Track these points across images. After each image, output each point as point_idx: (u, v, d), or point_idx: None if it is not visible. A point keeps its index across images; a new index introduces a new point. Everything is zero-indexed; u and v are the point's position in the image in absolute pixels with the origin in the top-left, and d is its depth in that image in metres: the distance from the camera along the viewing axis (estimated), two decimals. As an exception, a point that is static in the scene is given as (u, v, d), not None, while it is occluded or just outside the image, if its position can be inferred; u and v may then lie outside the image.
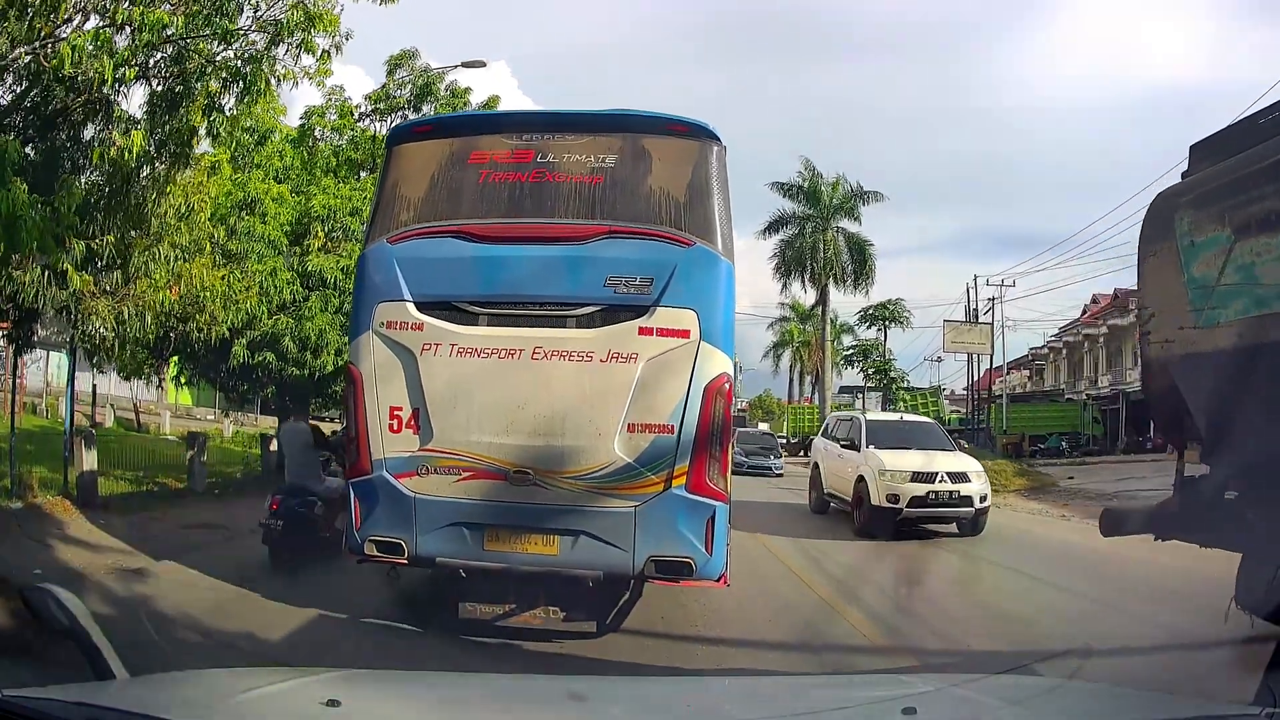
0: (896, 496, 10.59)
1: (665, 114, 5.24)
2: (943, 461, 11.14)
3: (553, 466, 4.76)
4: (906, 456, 11.11)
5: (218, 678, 2.54)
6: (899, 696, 2.24)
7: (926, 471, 10.75)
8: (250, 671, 3.03)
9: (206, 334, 9.21)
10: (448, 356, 4.86)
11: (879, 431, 12.12)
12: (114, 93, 7.57)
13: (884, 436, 11.85)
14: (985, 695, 2.39)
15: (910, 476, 10.70)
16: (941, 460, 11.18)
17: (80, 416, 23.10)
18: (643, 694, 2.71)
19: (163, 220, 8.39)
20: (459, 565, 4.81)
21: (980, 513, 10.90)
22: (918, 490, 10.62)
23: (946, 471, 10.82)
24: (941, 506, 10.74)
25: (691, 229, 4.93)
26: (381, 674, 3.01)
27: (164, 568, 7.13)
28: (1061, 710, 2.23)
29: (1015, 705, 2.24)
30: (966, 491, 10.76)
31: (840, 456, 12.53)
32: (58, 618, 1.91)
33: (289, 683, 2.34)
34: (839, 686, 3.21)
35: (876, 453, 11.23)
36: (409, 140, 5.57)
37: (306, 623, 5.43)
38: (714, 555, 4.75)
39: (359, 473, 5.01)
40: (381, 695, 2.39)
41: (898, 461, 10.95)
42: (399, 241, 5.08)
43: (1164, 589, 7.11)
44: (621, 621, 5.46)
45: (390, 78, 14.81)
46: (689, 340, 4.76)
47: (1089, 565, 8.87)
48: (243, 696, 2.09)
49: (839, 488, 12.35)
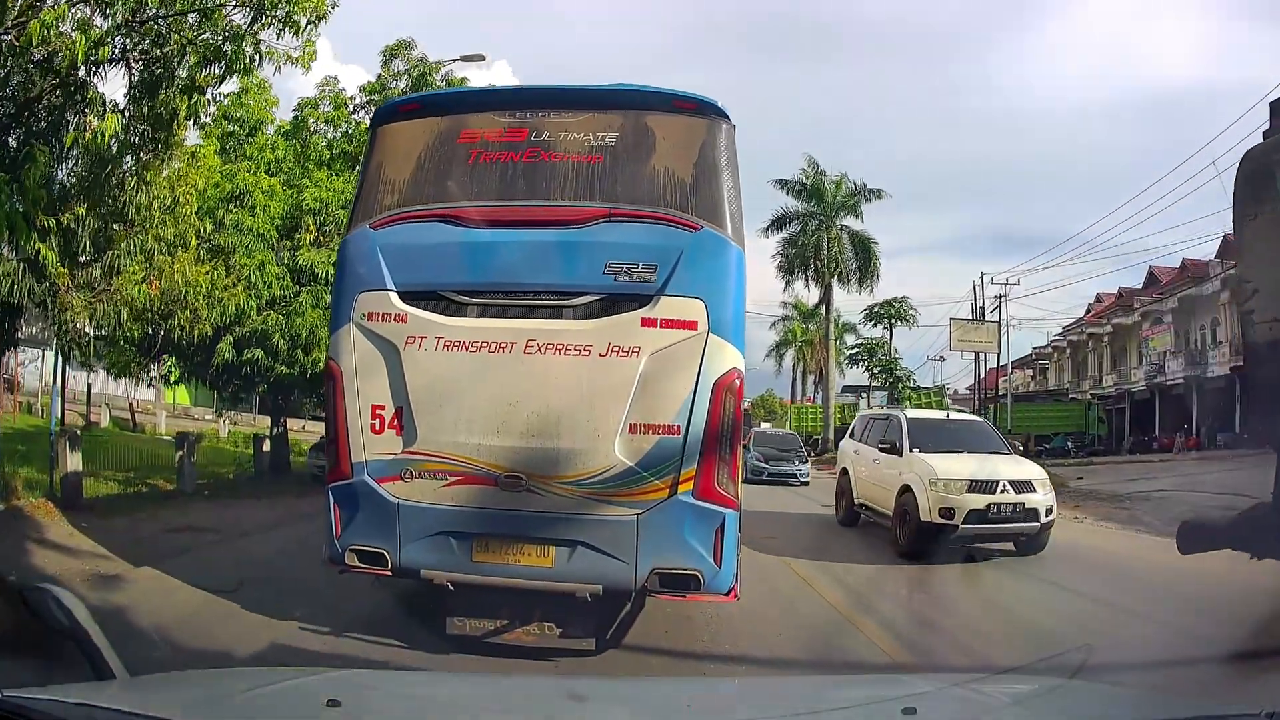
0: (951, 511, 8.80)
1: (670, 89, 4.86)
2: (1003, 468, 9.37)
3: (547, 471, 4.38)
4: (960, 462, 9.35)
5: (218, 678, 2.60)
6: (899, 696, 2.20)
7: (986, 480, 9.02)
8: (251, 671, 3.08)
9: (189, 331, 8.85)
10: (433, 350, 4.48)
11: (923, 432, 10.25)
12: (90, 75, 7.24)
13: (929, 438, 10.04)
14: (985, 695, 2.38)
15: (967, 486, 8.93)
16: (1001, 466, 9.42)
17: (76, 416, 23.06)
18: (643, 694, 2.69)
19: (147, 212, 8.06)
20: (445, 578, 4.44)
21: (1045, 528, 9.26)
22: (976, 503, 8.83)
23: (1009, 480, 9.09)
24: (1004, 522, 9.03)
25: (699, 212, 4.54)
26: (382, 674, 3.08)
27: (141, 574, 6.87)
28: (1061, 710, 2.22)
29: (1015, 705, 2.25)
30: (1032, 504, 9.08)
31: (876, 462, 10.71)
32: (58, 618, 1.91)
33: (289, 683, 2.34)
34: (839, 686, 3.18)
35: (924, 458, 9.47)
36: (395, 119, 5.16)
37: (284, 637, 5.09)
38: (723, 567, 4.37)
39: (338, 476, 4.64)
40: (382, 695, 2.38)
41: (952, 468, 9.15)
42: (382, 227, 4.70)
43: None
44: (623, 636, 5.10)
45: (386, 69, 14.49)
46: (696, 332, 4.38)
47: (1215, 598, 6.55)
48: (243, 696, 2.09)
49: (874, 498, 10.72)
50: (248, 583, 6.62)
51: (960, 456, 9.56)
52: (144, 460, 13.58)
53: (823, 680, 4.06)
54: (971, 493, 8.92)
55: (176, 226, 8.83)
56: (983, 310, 34.57)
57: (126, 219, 7.88)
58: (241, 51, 6.62)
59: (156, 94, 7.21)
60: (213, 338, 11.37)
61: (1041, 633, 6.28)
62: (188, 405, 34.18)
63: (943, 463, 9.29)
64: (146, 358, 12.67)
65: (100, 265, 7.82)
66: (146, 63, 7.27)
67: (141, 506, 10.33)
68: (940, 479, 9.02)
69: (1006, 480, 9.08)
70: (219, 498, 12.06)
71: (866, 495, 11.07)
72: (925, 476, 9.16)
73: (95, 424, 23.76)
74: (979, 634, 6.15)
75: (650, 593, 4.51)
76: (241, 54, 6.62)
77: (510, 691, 2.55)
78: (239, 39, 6.59)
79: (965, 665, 5.31)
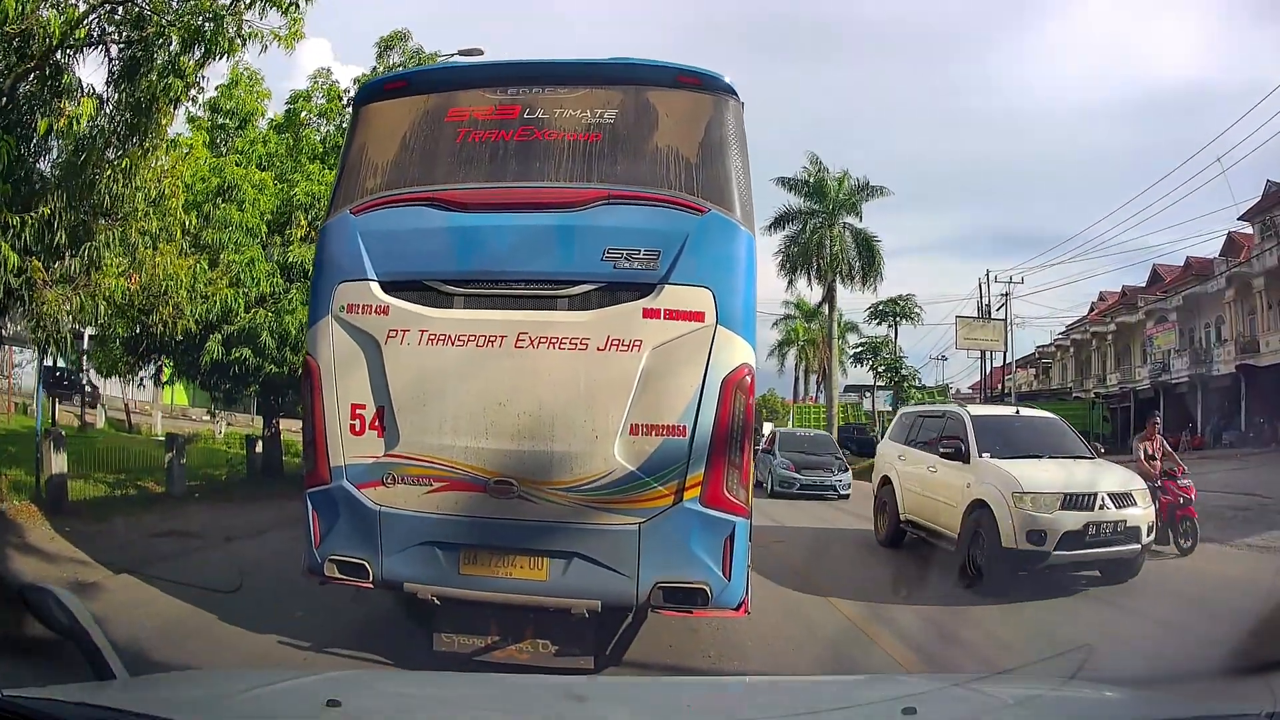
0: (1042, 534, 7.03)
1: (673, 63, 4.50)
2: (1097, 477, 7.63)
3: (540, 476, 4.04)
4: (1045, 470, 7.66)
5: (218, 678, 2.66)
6: (899, 696, 2.19)
7: (1082, 493, 7.30)
8: (251, 672, 3.13)
9: (171, 327, 8.53)
10: (417, 345, 4.15)
11: (992, 433, 8.39)
12: (66, 59, 6.94)
13: (999, 440, 8.26)
14: (985, 695, 2.38)
15: (1060, 502, 7.17)
16: (1094, 475, 7.70)
17: (70, 417, 22.80)
18: (643, 694, 2.69)
19: (130, 205, 7.76)
20: (430, 592, 4.10)
21: (1145, 549, 7.62)
22: (1071, 523, 7.08)
23: (1107, 492, 7.35)
24: (1102, 545, 7.24)
25: (705, 194, 4.19)
26: (382, 674, 3.11)
27: (120, 582, 6.62)
28: (1061, 710, 2.23)
29: (1015, 705, 2.25)
30: (1134, 521, 7.36)
31: (932, 470, 8.85)
32: (58, 618, 1.92)
33: (289, 683, 2.36)
34: (839, 686, 3.14)
35: (1001, 465, 7.72)
36: (379, 98, 4.81)
37: (261, 653, 4.79)
38: (733, 580, 4.03)
39: (316, 481, 4.32)
40: (382, 695, 2.37)
41: (1039, 479, 7.39)
42: (363, 212, 4.36)
43: None
44: (623, 652, 4.79)
45: (381, 60, 14.12)
46: (703, 324, 4.03)
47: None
48: (243, 696, 2.09)
49: (928, 514, 8.91)
50: (229, 592, 6.34)
51: (1041, 463, 7.89)
52: (135, 462, 13.30)
53: (823, 680, 3.99)
54: (1066, 509, 7.15)
55: (162, 220, 8.55)
56: (988, 308, 34.25)
57: (105, 211, 7.57)
58: (223, 31, 6.30)
59: (136, 79, 6.92)
60: (201, 336, 11.07)
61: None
62: (185, 406, 33.93)
63: (1026, 471, 7.52)
64: (134, 356, 12.33)
65: (79, 258, 7.50)
66: (126, 45, 6.98)
67: (128, 510, 10.05)
68: (1027, 493, 7.19)
69: (1105, 493, 7.35)
70: (209, 500, 11.75)
71: (917, 510, 9.23)
72: (1007, 490, 7.31)
73: (91, 424, 23.54)
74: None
75: (653, 608, 4.16)
76: (224, 33, 6.28)
77: (510, 691, 2.53)
78: (220, 18, 6.26)
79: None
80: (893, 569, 8.97)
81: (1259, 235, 29.41)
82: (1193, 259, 33.09)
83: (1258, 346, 28.61)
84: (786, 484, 17.44)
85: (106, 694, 1.83)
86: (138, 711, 1.71)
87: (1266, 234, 28.83)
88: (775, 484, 17.83)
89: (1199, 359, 31.33)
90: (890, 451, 10.33)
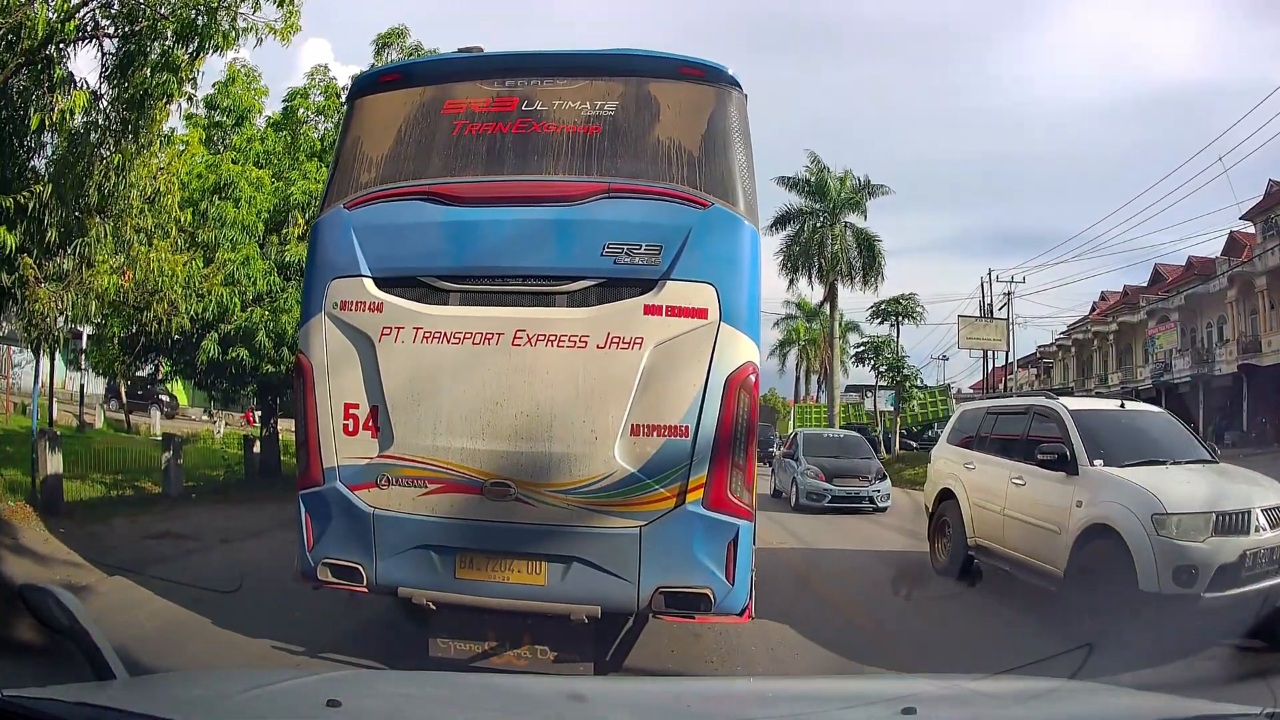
0: (1193, 570, 5.19)
1: (675, 54, 4.39)
2: (1248, 490, 5.86)
3: (538, 478, 3.93)
4: (1183, 483, 5.86)
5: (218, 678, 2.67)
6: (899, 696, 2.18)
7: (1235, 512, 5.44)
8: (251, 672, 3.13)
9: (166, 325, 8.43)
10: (411, 343, 4.05)
11: (1101, 433, 6.54)
12: (58, 53, 6.83)
13: (1111, 442, 6.44)
14: (985, 695, 2.39)
15: (1213, 524, 5.33)
16: (1242, 487, 5.95)
17: (70, 417, 22.71)
18: (643, 694, 2.68)
19: (125, 201, 7.66)
20: (425, 597, 3.99)
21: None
22: (1227, 553, 5.24)
23: (1262, 508, 5.51)
24: (1259, 580, 5.29)
25: (708, 187, 4.08)
26: (382, 674, 3.09)
27: (113, 584, 6.56)
28: (1061, 710, 2.23)
29: (1015, 705, 2.26)
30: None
31: (1018, 482, 6.91)
32: (58, 618, 1.91)
33: (289, 683, 2.34)
34: (839, 687, 3.16)
35: (1126, 478, 5.89)
36: (374, 91, 4.70)
37: (254, 659, 4.70)
38: (736, 585, 3.92)
39: (309, 483, 4.22)
40: (382, 695, 2.37)
41: (1180, 494, 5.57)
42: (357, 206, 4.26)
43: None
44: (624, 657, 4.68)
45: (379, 58, 13.98)
46: (707, 321, 3.92)
47: None
48: (243, 696, 2.09)
49: (1013, 541, 6.88)
50: (223, 595, 6.26)
51: (1169, 472, 6.14)
52: (133, 462, 13.22)
53: (823, 680, 3.97)
54: (1219, 534, 5.31)
55: (157, 217, 8.45)
56: (990, 308, 34.17)
57: (98, 207, 7.47)
58: (217, 25, 6.20)
59: (130, 73, 6.82)
60: (197, 335, 10.96)
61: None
62: (185, 406, 33.87)
63: (1162, 484, 5.68)
64: (130, 355, 12.22)
65: (71, 255, 7.41)
66: (120, 39, 6.88)
67: (123, 511, 9.95)
68: (1172, 515, 5.33)
69: (1260, 509, 5.49)
70: (205, 501, 11.65)
71: (993, 535, 7.22)
72: (1143, 512, 5.42)
73: (91, 424, 23.45)
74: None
75: (655, 614, 4.07)
76: (218, 26, 6.19)
77: (511, 692, 2.51)
78: (213, 11, 6.15)
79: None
80: (970, 616, 6.83)
81: (1261, 234, 29.38)
82: (1194, 258, 33.08)
83: (1260, 346, 28.58)
84: (815, 496, 14.61)
85: (106, 694, 1.83)
86: (138, 711, 1.71)
87: (1269, 233, 28.80)
88: (801, 495, 14.88)
89: (1201, 359, 31.31)
90: (951, 458, 8.35)
